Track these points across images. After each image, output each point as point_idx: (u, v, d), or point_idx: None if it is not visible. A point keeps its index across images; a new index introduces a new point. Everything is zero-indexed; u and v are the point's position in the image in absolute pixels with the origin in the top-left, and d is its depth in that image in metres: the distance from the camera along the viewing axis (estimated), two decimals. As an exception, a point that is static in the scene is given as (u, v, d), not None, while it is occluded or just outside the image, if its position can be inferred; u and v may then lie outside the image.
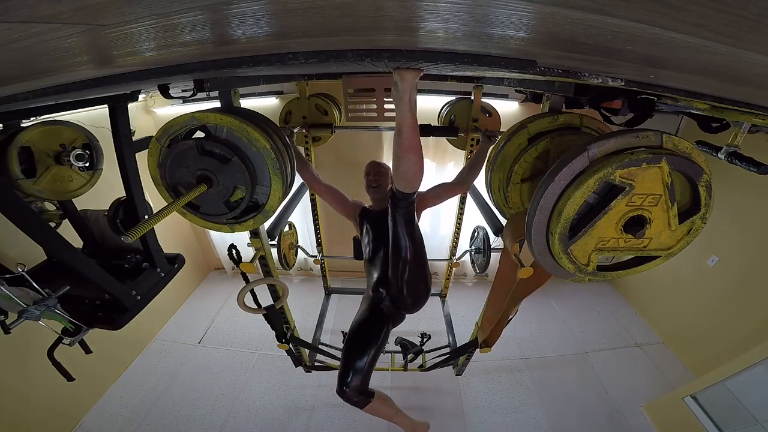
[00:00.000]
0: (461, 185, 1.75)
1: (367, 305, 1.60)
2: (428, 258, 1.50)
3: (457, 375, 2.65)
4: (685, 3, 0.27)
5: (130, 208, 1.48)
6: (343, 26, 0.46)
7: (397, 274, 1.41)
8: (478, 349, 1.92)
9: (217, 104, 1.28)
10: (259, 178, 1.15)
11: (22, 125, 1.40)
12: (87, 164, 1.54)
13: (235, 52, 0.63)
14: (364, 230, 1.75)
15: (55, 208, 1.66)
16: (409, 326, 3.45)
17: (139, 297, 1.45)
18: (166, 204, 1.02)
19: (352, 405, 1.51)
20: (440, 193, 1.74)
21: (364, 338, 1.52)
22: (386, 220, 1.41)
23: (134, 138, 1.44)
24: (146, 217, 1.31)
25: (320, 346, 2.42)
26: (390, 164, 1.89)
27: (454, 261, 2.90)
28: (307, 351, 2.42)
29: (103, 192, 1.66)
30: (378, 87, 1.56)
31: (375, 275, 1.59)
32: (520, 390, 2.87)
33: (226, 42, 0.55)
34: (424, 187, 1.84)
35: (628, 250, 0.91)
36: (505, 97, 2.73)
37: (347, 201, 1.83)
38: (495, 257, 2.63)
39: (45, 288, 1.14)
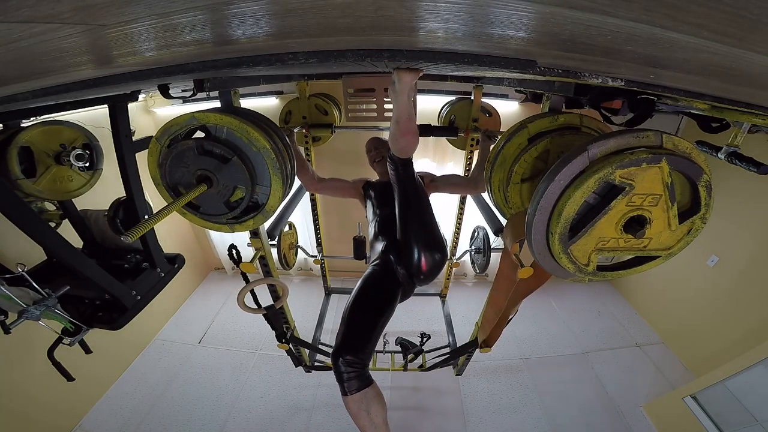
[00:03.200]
0: (475, 185, 1.75)
1: (378, 266, 1.38)
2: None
3: (457, 375, 2.65)
4: (685, 3, 0.27)
5: (130, 208, 1.48)
6: (342, 26, 0.46)
7: (407, 231, 1.34)
8: (478, 349, 1.92)
9: (217, 104, 1.28)
10: (259, 178, 1.15)
11: (22, 125, 1.40)
12: (87, 164, 1.54)
13: (235, 52, 0.63)
14: (370, 203, 1.74)
15: (55, 208, 1.66)
16: (409, 326, 3.45)
17: (139, 297, 1.45)
18: (166, 204, 1.02)
19: (341, 382, 1.15)
20: (453, 183, 1.77)
21: (375, 302, 1.28)
22: (391, 189, 1.42)
23: (134, 138, 1.44)
24: (146, 217, 1.31)
25: (320, 346, 2.42)
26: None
27: (454, 261, 2.90)
28: (307, 351, 2.42)
29: (103, 192, 1.66)
30: (378, 87, 1.56)
31: (384, 242, 1.46)
32: (520, 390, 2.87)
33: (226, 42, 0.55)
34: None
35: (628, 250, 0.91)
36: (505, 97, 2.73)
37: (348, 184, 1.85)
38: (495, 257, 2.64)
39: (45, 288, 1.14)
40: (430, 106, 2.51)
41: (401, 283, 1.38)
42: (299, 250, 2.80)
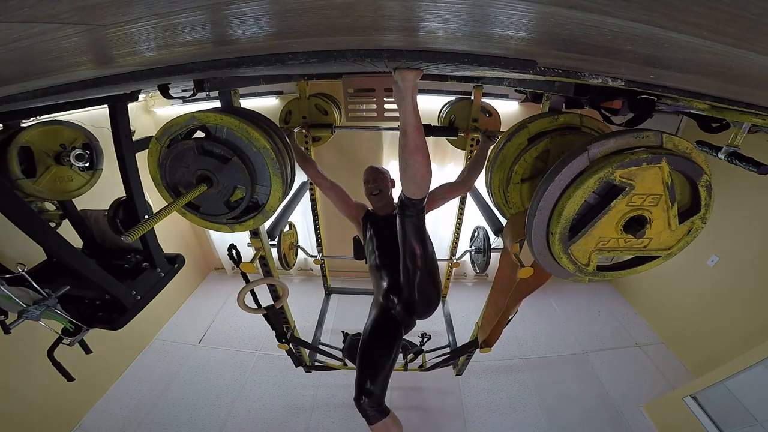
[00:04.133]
0: (462, 185, 1.73)
1: (380, 312, 1.55)
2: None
3: (457, 375, 2.65)
4: (685, 3, 0.27)
5: (130, 208, 1.48)
6: (343, 26, 0.46)
7: (410, 282, 1.40)
8: (478, 349, 1.92)
9: (217, 104, 1.28)
10: (259, 178, 1.15)
11: (22, 125, 1.40)
12: (87, 164, 1.54)
13: (235, 52, 0.63)
14: (368, 235, 1.72)
15: (55, 208, 1.66)
16: (409, 326, 3.41)
17: (139, 297, 1.45)
18: (166, 204, 1.02)
19: (365, 417, 1.40)
20: (443, 194, 1.73)
21: (381, 346, 1.47)
22: (391, 225, 1.41)
23: (134, 138, 1.44)
24: (146, 217, 1.31)
25: (320, 346, 2.42)
26: (388, 167, 1.89)
27: (454, 261, 2.91)
28: (307, 351, 2.42)
29: (103, 192, 1.66)
30: (378, 87, 1.56)
31: (385, 282, 1.57)
32: (520, 390, 2.87)
33: (226, 42, 0.55)
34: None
35: (628, 250, 0.91)
36: (505, 97, 2.73)
37: (351, 201, 1.81)
38: (495, 257, 2.63)
39: (45, 288, 1.14)
40: (430, 106, 2.51)
41: (401, 322, 1.53)
42: (299, 250, 2.80)
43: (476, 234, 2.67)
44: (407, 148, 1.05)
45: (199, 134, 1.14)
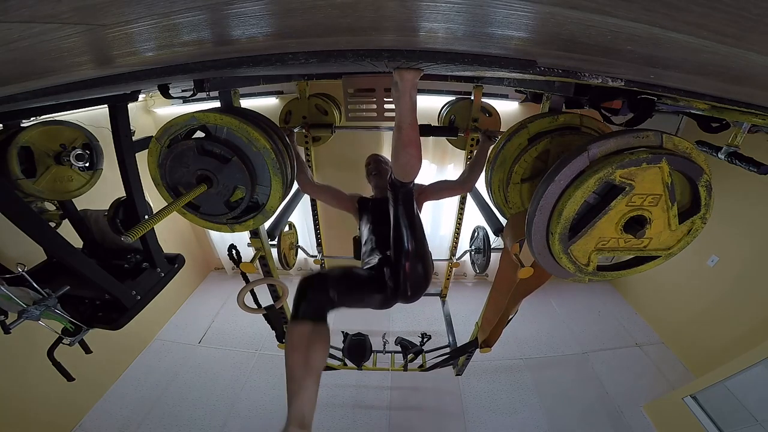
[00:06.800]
0: (463, 185, 1.74)
1: (374, 271, 1.41)
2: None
3: (457, 375, 2.65)
4: (685, 3, 0.27)
5: (130, 208, 1.48)
6: (343, 26, 0.46)
7: (399, 260, 1.37)
8: (478, 349, 1.92)
9: (217, 104, 1.28)
10: (259, 178, 1.15)
11: (22, 125, 1.40)
12: (87, 164, 1.54)
13: (235, 52, 0.63)
14: (363, 219, 1.74)
15: (55, 208, 1.66)
16: (409, 326, 3.45)
17: (139, 297, 1.45)
18: (166, 204, 1.02)
19: (299, 301, 1.06)
20: (442, 188, 1.75)
21: (368, 281, 1.34)
22: (386, 206, 1.41)
23: (134, 138, 1.44)
24: (146, 217, 1.31)
25: (320, 346, 2.42)
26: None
27: (454, 261, 2.91)
28: (307, 351, 2.42)
29: (103, 192, 1.66)
30: (378, 87, 1.56)
31: (380, 257, 1.50)
32: (520, 390, 2.87)
33: (226, 42, 0.55)
34: (426, 181, 1.86)
35: (628, 250, 0.91)
36: (505, 97, 2.73)
37: (343, 195, 1.83)
38: (495, 257, 2.63)
39: (45, 288, 1.14)
40: (430, 106, 2.51)
41: (386, 292, 1.40)
42: (299, 250, 2.80)
43: (476, 234, 2.67)
44: (401, 141, 1.08)
45: (199, 134, 1.14)
